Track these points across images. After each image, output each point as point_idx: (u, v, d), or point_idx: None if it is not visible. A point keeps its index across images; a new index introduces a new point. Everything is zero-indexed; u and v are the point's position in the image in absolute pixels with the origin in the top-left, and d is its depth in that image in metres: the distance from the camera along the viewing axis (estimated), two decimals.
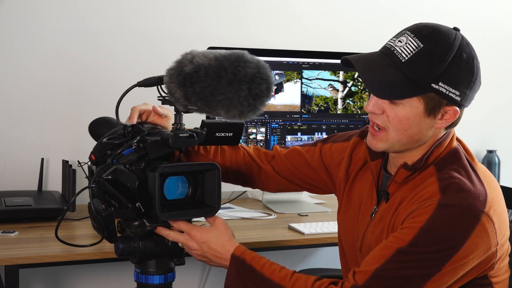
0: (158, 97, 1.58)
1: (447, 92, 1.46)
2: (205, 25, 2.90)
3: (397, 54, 1.47)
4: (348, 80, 2.81)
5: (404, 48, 1.47)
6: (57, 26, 2.68)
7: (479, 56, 1.52)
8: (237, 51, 1.47)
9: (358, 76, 2.77)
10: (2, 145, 2.64)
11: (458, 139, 1.62)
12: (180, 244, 1.61)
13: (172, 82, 1.47)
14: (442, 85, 1.45)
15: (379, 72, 1.49)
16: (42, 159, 2.59)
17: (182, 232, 1.60)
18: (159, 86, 1.57)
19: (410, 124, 1.50)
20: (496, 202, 1.49)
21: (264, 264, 1.56)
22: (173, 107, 1.59)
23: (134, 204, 1.52)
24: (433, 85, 1.45)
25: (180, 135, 1.56)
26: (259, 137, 2.72)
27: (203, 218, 1.66)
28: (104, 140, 1.58)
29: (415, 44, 1.46)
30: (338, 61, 2.79)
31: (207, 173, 1.59)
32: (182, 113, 1.58)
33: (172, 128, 1.60)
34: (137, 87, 1.61)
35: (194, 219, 1.66)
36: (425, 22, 1.52)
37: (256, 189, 1.98)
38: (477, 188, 1.47)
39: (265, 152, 1.91)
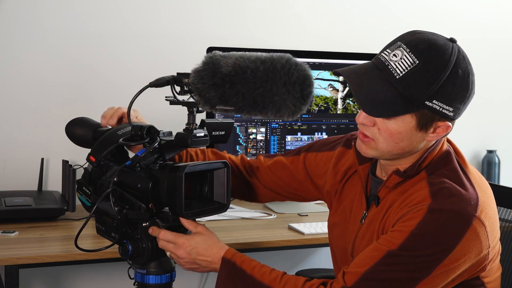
0: (166, 97, 1.58)
1: (441, 109, 1.44)
2: (205, 25, 2.90)
3: (391, 69, 1.44)
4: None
5: (399, 63, 1.43)
6: (57, 26, 2.68)
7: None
8: (282, 53, 1.48)
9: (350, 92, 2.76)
10: (2, 145, 2.64)
11: (449, 141, 1.61)
12: (168, 254, 1.60)
13: (204, 83, 1.45)
14: (436, 102, 1.43)
15: (372, 89, 1.46)
16: (42, 159, 2.59)
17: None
18: (172, 86, 1.56)
19: (401, 138, 1.49)
20: (487, 205, 1.48)
21: (254, 266, 1.56)
22: (185, 107, 1.59)
23: (148, 205, 1.52)
24: (427, 102, 1.43)
25: (197, 134, 1.56)
26: (259, 137, 2.71)
27: (202, 218, 1.66)
28: (120, 141, 1.57)
29: (411, 60, 1.43)
30: (338, 61, 2.82)
31: (217, 171, 1.60)
32: (195, 113, 1.58)
33: (186, 127, 1.59)
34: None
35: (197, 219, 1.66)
36: (421, 32, 1.48)
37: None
38: (469, 192, 1.47)
39: (249, 163, 1.90)
